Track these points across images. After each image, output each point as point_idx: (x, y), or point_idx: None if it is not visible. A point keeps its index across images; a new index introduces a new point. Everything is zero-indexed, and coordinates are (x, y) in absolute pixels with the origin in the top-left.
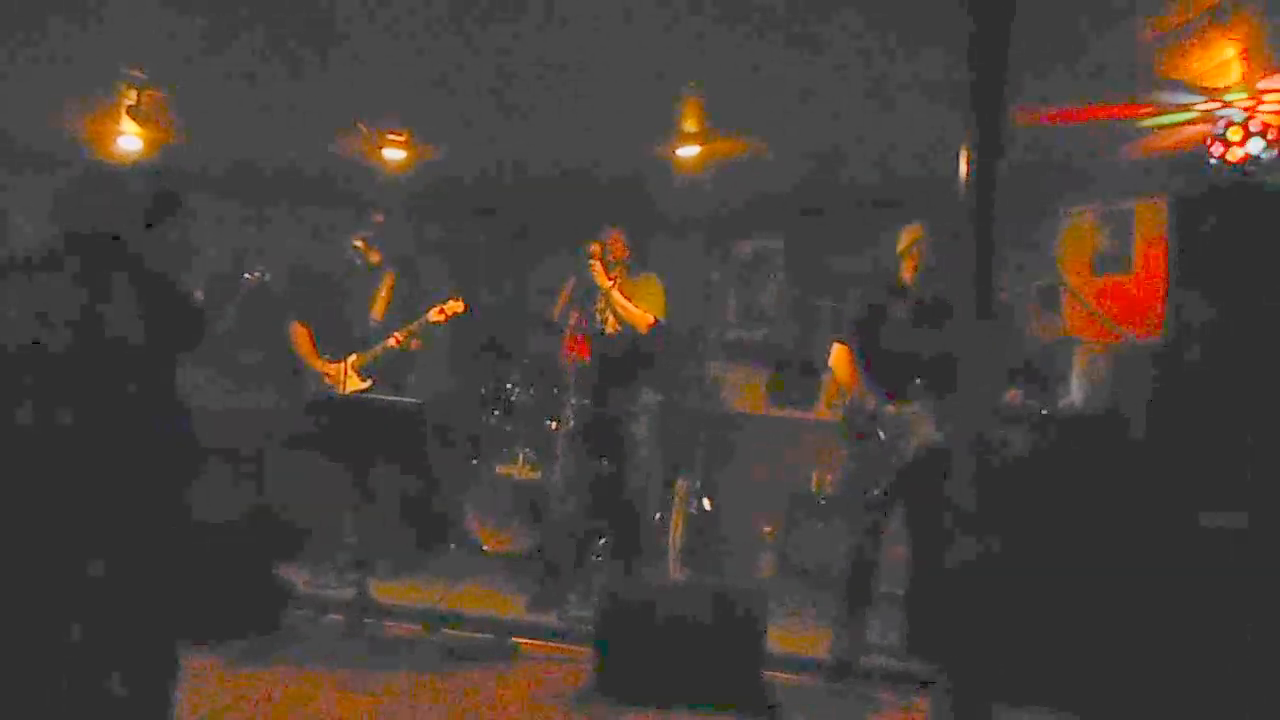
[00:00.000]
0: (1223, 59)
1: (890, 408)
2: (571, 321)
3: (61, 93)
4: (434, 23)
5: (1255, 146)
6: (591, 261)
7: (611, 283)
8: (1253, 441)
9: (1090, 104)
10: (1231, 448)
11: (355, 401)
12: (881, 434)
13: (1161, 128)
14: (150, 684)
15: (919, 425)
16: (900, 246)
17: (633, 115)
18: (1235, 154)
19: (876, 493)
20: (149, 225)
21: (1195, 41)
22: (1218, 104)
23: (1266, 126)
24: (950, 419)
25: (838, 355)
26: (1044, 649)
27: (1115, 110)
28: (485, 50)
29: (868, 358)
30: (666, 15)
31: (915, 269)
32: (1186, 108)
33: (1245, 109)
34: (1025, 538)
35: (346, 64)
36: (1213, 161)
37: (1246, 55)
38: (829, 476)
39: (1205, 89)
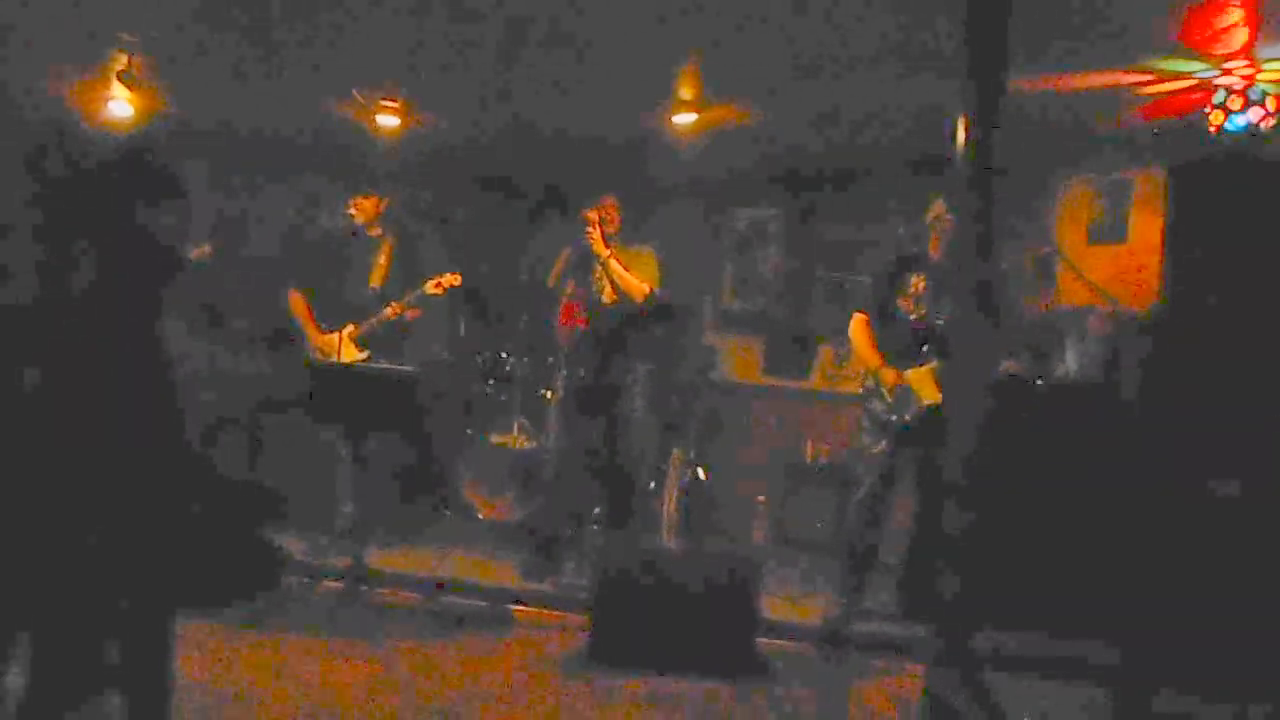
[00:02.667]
0: (1223, 26)
1: (891, 372)
2: (568, 290)
3: (51, 58)
4: None
5: (1253, 116)
6: (589, 229)
7: (609, 251)
8: (1248, 410)
9: (1090, 70)
10: (1226, 416)
11: (351, 370)
12: (885, 398)
13: (1160, 95)
14: (147, 653)
15: (922, 388)
16: (928, 217)
17: (630, 82)
18: (1233, 123)
19: (876, 451)
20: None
21: (1197, 8)
22: (1217, 72)
23: (1265, 96)
24: (950, 382)
25: (855, 324)
26: (1038, 614)
27: (1114, 78)
28: (481, 16)
29: (883, 325)
30: None
31: (939, 240)
32: (1185, 76)
33: (1244, 78)
34: (1021, 506)
35: (340, 29)
36: (1210, 131)
37: (1247, 23)
38: (824, 446)
39: (1205, 57)
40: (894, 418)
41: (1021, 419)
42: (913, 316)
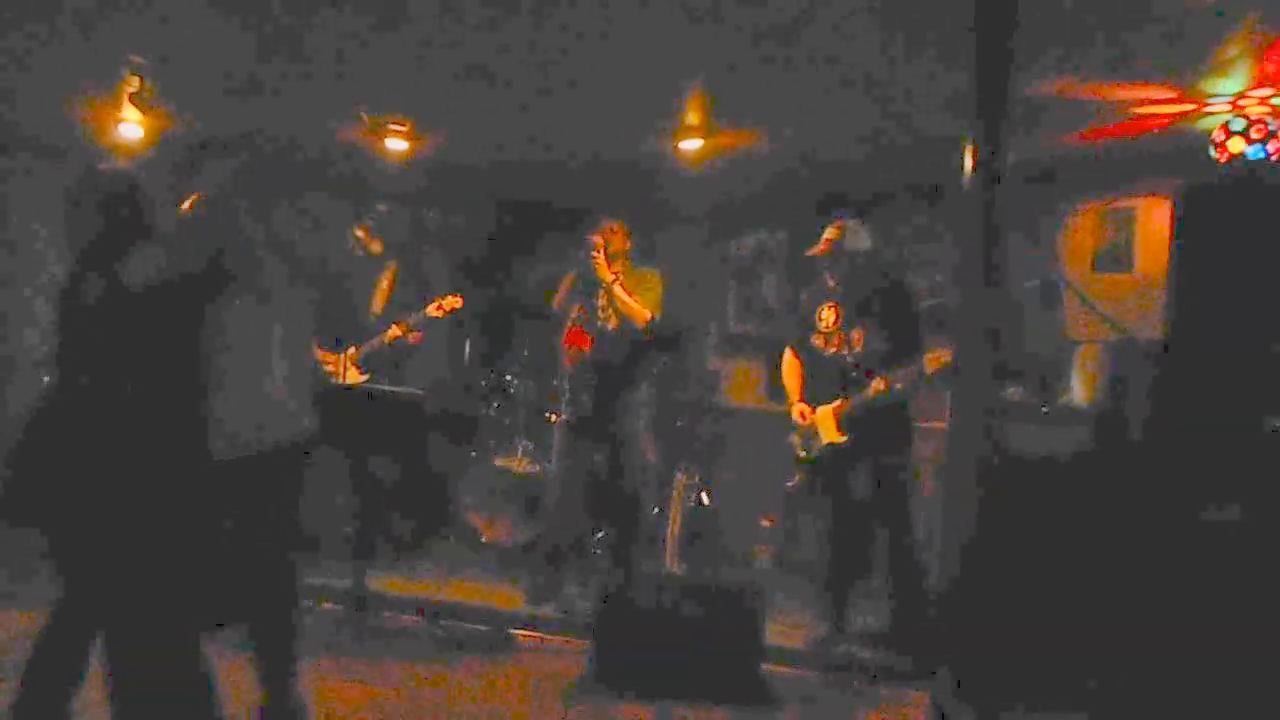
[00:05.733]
0: (1228, 58)
1: (798, 409)
2: (573, 314)
3: (65, 80)
4: (437, 10)
5: (1260, 144)
6: (594, 254)
7: (613, 276)
8: (1253, 439)
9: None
10: (1232, 445)
11: (355, 391)
12: (794, 437)
13: (1167, 124)
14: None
15: (823, 427)
16: (817, 250)
17: (636, 107)
18: (1238, 151)
19: (790, 486)
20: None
21: (1208, 36)
22: (1226, 101)
23: (1268, 125)
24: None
25: (785, 360)
26: (1044, 647)
27: (1122, 101)
28: (488, 40)
29: (807, 361)
30: (671, 6)
31: (836, 272)
32: (1193, 104)
33: (1251, 106)
34: (1025, 536)
35: (348, 52)
36: (1216, 159)
37: (1252, 55)
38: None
39: (1214, 85)
40: (803, 454)
41: (1025, 446)
42: (828, 352)
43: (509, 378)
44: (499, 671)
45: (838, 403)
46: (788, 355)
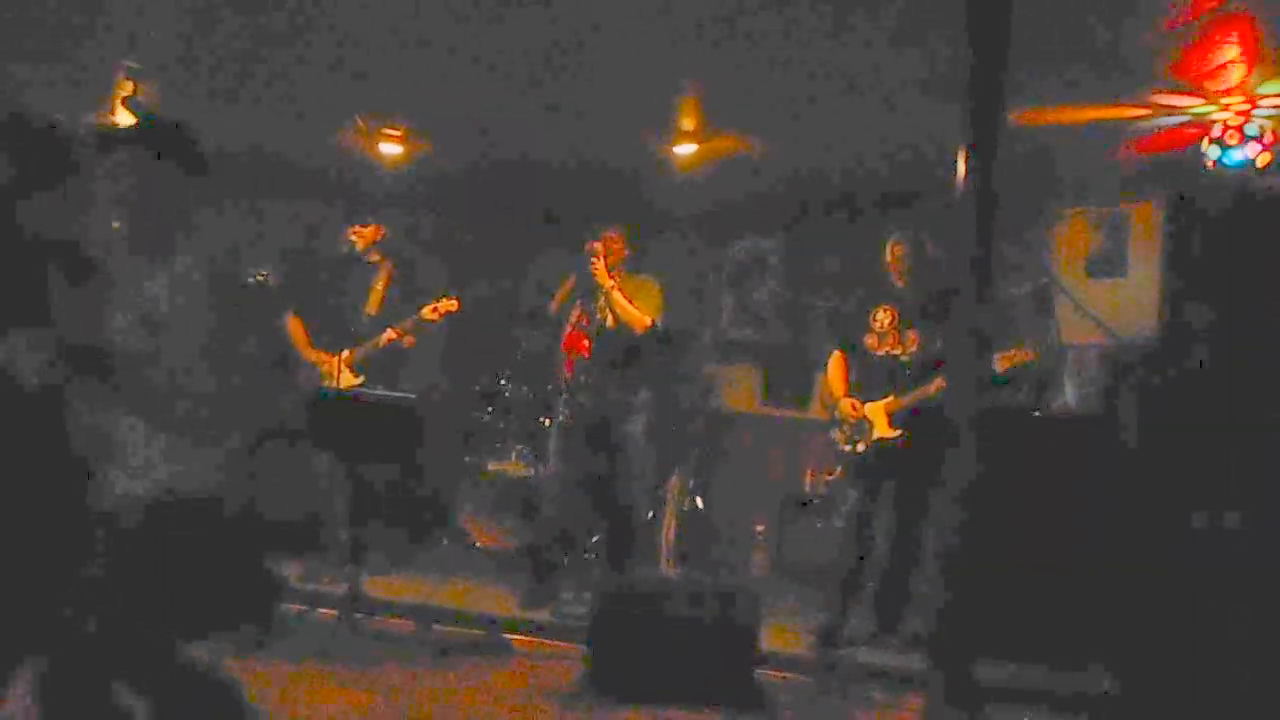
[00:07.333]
0: (1220, 62)
1: (849, 403)
2: (573, 318)
3: (58, 85)
4: (432, 16)
5: (1250, 151)
6: (593, 260)
7: (613, 282)
8: (1246, 443)
9: (1086, 106)
10: (1225, 450)
11: (349, 396)
12: (843, 429)
13: (1157, 130)
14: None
15: (875, 421)
16: (886, 257)
17: (631, 113)
18: (1230, 158)
19: (832, 479)
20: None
21: (1193, 44)
22: (1214, 107)
23: (1262, 130)
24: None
25: (832, 361)
26: (1034, 646)
27: (1112, 112)
28: (484, 46)
29: (855, 361)
30: (665, 11)
31: (902, 275)
32: (1183, 110)
33: (1240, 113)
34: (1016, 538)
35: (343, 57)
36: (1208, 164)
37: (1243, 59)
38: (825, 476)
39: (1202, 92)
40: (849, 449)
41: (1017, 449)
42: (879, 352)
43: (504, 382)
44: (493, 676)
45: (890, 398)
46: (835, 356)
